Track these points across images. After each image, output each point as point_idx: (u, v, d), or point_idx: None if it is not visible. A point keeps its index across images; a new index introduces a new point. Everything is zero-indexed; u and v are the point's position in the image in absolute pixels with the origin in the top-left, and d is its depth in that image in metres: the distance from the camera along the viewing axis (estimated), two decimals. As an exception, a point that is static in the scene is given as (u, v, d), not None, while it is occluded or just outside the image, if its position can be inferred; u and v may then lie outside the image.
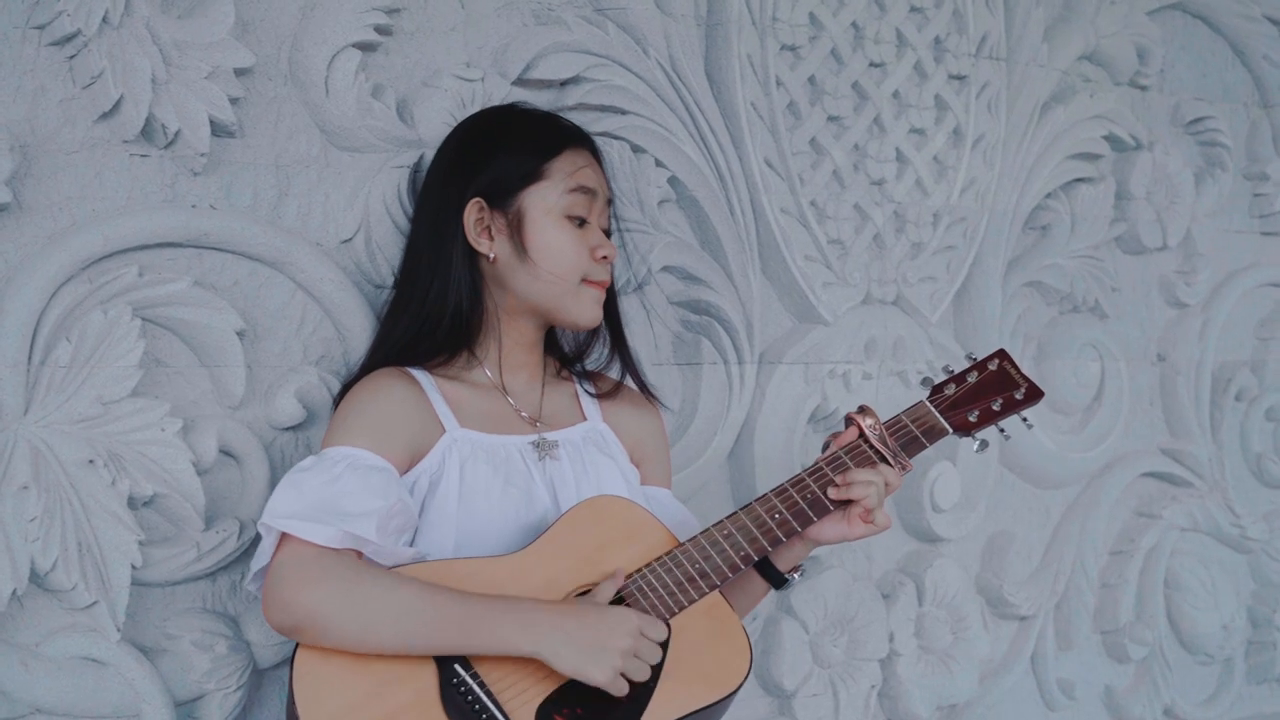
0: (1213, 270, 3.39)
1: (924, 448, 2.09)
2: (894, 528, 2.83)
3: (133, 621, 1.99)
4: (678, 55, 2.49)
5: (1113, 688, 3.24)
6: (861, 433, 2.06)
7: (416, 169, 2.21)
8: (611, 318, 2.15)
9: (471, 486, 1.95)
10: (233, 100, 2.04)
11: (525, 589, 1.86)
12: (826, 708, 2.70)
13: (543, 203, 2.02)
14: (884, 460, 2.04)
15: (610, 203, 2.13)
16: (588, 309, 2.06)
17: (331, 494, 1.80)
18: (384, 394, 1.95)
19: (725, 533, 1.97)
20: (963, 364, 2.17)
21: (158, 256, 2.02)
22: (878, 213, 2.75)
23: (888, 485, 2.03)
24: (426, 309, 2.03)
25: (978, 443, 2.12)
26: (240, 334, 2.06)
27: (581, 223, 2.05)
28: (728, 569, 1.95)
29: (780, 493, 2.01)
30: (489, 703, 1.77)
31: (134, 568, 1.95)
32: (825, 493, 2.01)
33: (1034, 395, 2.13)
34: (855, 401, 2.69)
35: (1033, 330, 3.10)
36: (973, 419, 2.10)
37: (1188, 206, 3.29)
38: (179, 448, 1.99)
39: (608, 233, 2.12)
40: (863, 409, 2.08)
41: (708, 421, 2.56)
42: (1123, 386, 3.22)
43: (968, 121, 2.86)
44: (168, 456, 1.98)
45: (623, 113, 2.42)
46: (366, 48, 2.18)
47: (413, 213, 2.17)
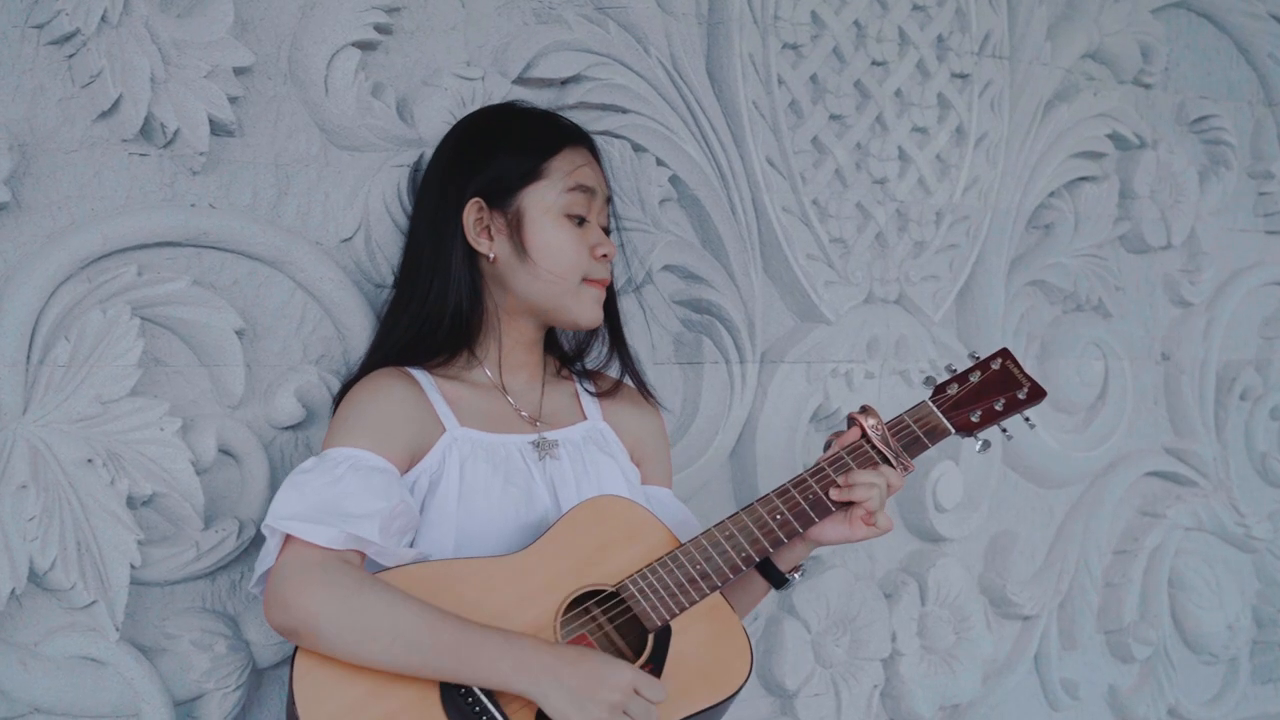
0: (1217, 269, 3.38)
1: (926, 448, 2.08)
2: (897, 527, 2.83)
3: (132, 621, 1.99)
4: (679, 54, 2.49)
5: (1117, 688, 3.24)
6: (864, 433, 2.05)
7: (416, 168, 2.20)
8: (611, 316, 2.15)
9: (471, 486, 1.95)
10: (232, 99, 2.04)
11: (526, 589, 1.86)
12: (828, 708, 2.70)
13: (542, 202, 2.02)
14: (886, 461, 2.03)
15: (609, 201, 2.12)
16: (588, 309, 2.06)
17: (333, 495, 1.80)
18: (384, 394, 1.95)
19: (726, 533, 1.96)
20: (965, 363, 2.16)
21: (157, 256, 2.02)
22: (880, 211, 2.75)
23: (890, 487, 2.03)
24: (427, 309, 2.03)
25: (980, 443, 2.11)
26: (239, 333, 2.06)
27: (581, 221, 2.04)
28: (729, 570, 1.94)
29: (782, 493, 2.01)
30: (489, 704, 1.77)
31: (133, 567, 1.95)
32: (827, 493, 2.01)
33: (1037, 395, 2.12)
34: (857, 401, 2.69)
35: (1036, 329, 3.09)
36: (975, 419, 2.09)
37: (1192, 205, 3.28)
38: (178, 447, 1.99)
39: (607, 230, 2.11)
40: (865, 409, 2.07)
41: (709, 421, 2.56)
42: (1126, 385, 3.21)
43: (970, 120, 2.86)
44: (167, 456, 1.98)
45: (624, 111, 2.42)
46: (366, 46, 2.17)
47: (411, 213, 2.16)
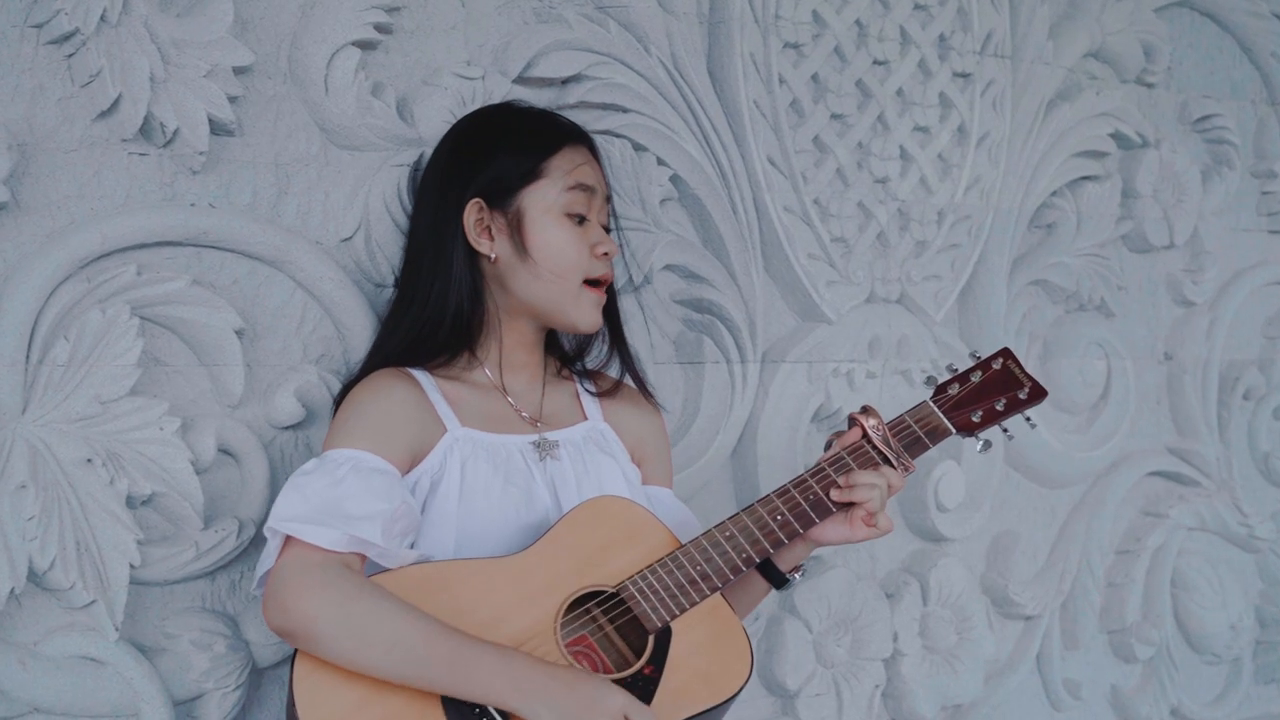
0: (1220, 268, 3.37)
1: (927, 448, 2.07)
2: (898, 527, 2.83)
3: (131, 621, 1.98)
4: (680, 53, 2.48)
5: (1119, 688, 3.23)
6: (865, 433, 2.05)
7: (416, 167, 2.20)
8: (611, 316, 2.14)
9: (472, 486, 1.95)
10: (232, 99, 2.04)
11: (526, 590, 1.86)
12: (830, 708, 2.70)
13: (542, 201, 2.02)
14: (887, 461, 2.03)
15: (609, 199, 2.12)
16: (587, 313, 2.05)
17: (335, 497, 1.79)
18: (385, 395, 1.94)
19: (727, 534, 1.96)
20: (966, 363, 2.15)
21: (156, 255, 2.01)
22: (881, 211, 2.74)
23: (891, 487, 2.02)
24: (428, 310, 2.03)
25: (981, 443, 2.10)
26: (239, 333, 2.06)
27: (581, 220, 2.04)
28: (729, 571, 1.94)
29: (782, 493, 2.00)
30: (490, 707, 1.76)
31: (132, 567, 1.95)
32: (828, 494, 2.00)
33: (1038, 395, 2.11)
34: (859, 401, 2.68)
35: (1038, 329, 3.09)
36: (976, 419, 2.08)
37: (1195, 204, 3.27)
38: (177, 447, 1.98)
39: (607, 229, 2.11)
40: (866, 409, 2.07)
41: (710, 421, 2.55)
42: (1129, 385, 3.20)
43: (972, 119, 2.85)
44: (166, 455, 1.98)
45: (624, 111, 2.42)
46: (366, 46, 2.17)
47: (411, 213, 2.16)
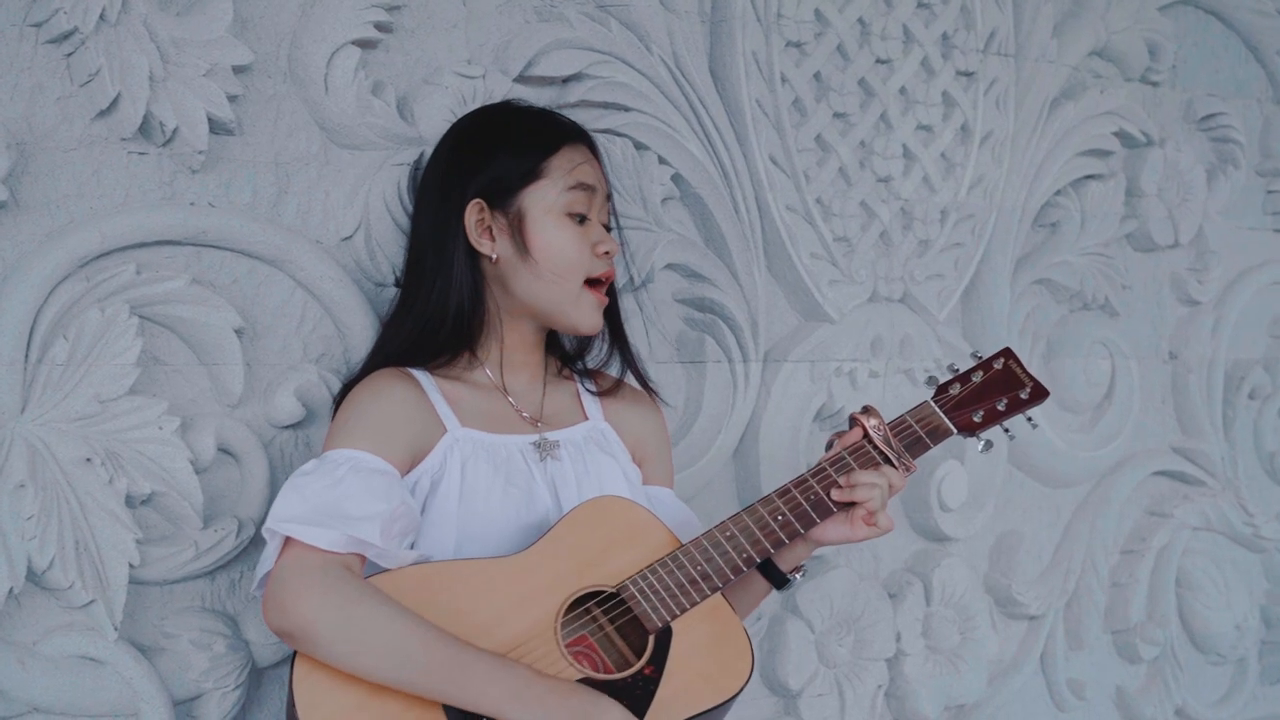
0: (1225, 267, 3.37)
1: (928, 448, 2.07)
2: (901, 527, 2.83)
3: (130, 620, 1.98)
4: (681, 52, 2.48)
5: (1124, 688, 3.23)
6: (865, 433, 2.04)
7: (417, 166, 2.19)
8: (611, 315, 2.14)
9: (472, 486, 1.94)
10: (231, 98, 2.03)
11: (527, 590, 1.85)
12: (832, 708, 2.69)
13: (543, 201, 2.01)
14: (888, 461, 2.03)
15: (609, 198, 2.12)
16: (587, 315, 2.05)
17: (334, 497, 1.79)
18: (385, 395, 1.94)
19: (727, 534, 1.95)
20: (968, 363, 2.15)
21: (156, 254, 2.01)
22: (884, 210, 2.74)
23: (891, 487, 2.02)
24: (429, 310, 2.02)
25: (982, 443, 2.10)
26: (239, 332, 2.05)
27: (582, 219, 2.04)
28: (730, 571, 1.93)
29: (783, 493, 2.00)
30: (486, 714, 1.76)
31: (132, 566, 1.95)
32: (828, 494, 2.00)
33: (1039, 394, 2.11)
34: (861, 400, 2.68)
35: (1042, 328, 3.08)
36: (977, 419, 2.07)
37: (1200, 203, 3.27)
38: (177, 446, 1.98)
39: (608, 228, 2.11)
40: (867, 409, 2.06)
41: (712, 420, 2.55)
42: (1133, 385, 3.20)
43: (976, 118, 2.84)
44: (165, 455, 1.97)
45: (625, 110, 2.41)
46: (366, 45, 2.17)
47: (412, 214, 2.16)
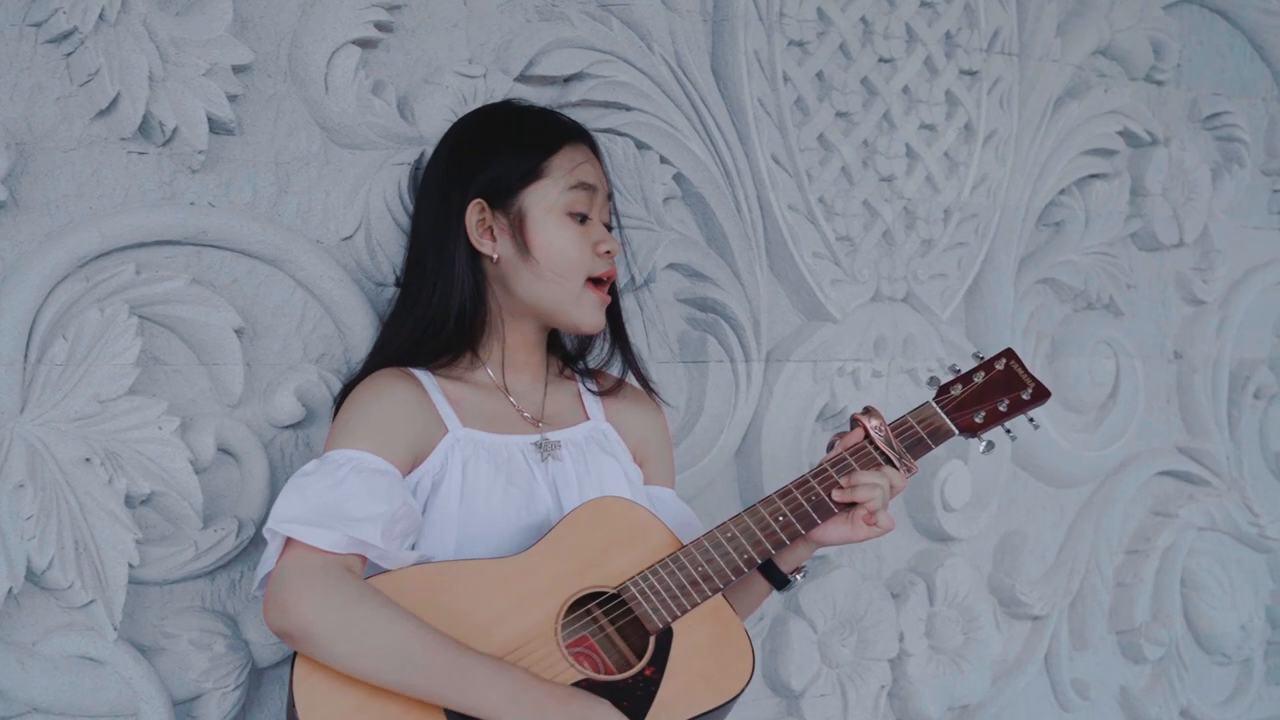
0: (1230, 267, 3.36)
1: (930, 449, 2.06)
2: (904, 527, 2.83)
3: (130, 620, 1.98)
4: (683, 51, 2.47)
5: (1128, 688, 3.22)
6: (867, 434, 2.04)
7: (417, 166, 2.19)
8: (613, 314, 2.14)
9: (473, 486, 1.94)
10: (231, 97, 2.03)
11: (527, 590, 1.85)
12: (835, 708, 2.69)
13: (544, 201, 2.01)
14: (889, 462, 2.02)
15: (610, 196, 2.11)
16: (589, 314, 2.05)
17: (335, 498, 1.79)
18: (386, 395, 1.94)
19: (728, 535, 1.95)
20: (971, 363, 2.14)
21: (155, 254, 2.01)
22: (887, 209, 2.73)
23: (893, 488, 2.02)
24: (430, 311, 2.02)
25: (984, 444, 2.09)
26: (239, 332, 2.05)
27: (583, 219, 2.03)
28: (731, 572, 1.93)
29: (784, 494, 2.00)
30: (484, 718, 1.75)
31: (131, 566, 1.95)
32: (829, 495, 2.00)
33: (1041, 395, 2.10)
34: (864, 400, 2.67)
35: (1046, 328, 3.07)
36: (979, 420, 2.07)
37: (1205, 202, 3.26)
38: (176, 446, 1.98)
39: (609, 227, 2.11)
40: (868, 410, 2.06)
41: (714, 420, 2.54)
42: (1138, 384, 3.19)
43: (979, 117, 2.84)
44: (165, 455, 1.97)
45: (627, 109, 2.41)
46: (367, 44, 2.16)
47: (412, 214, 2.15)
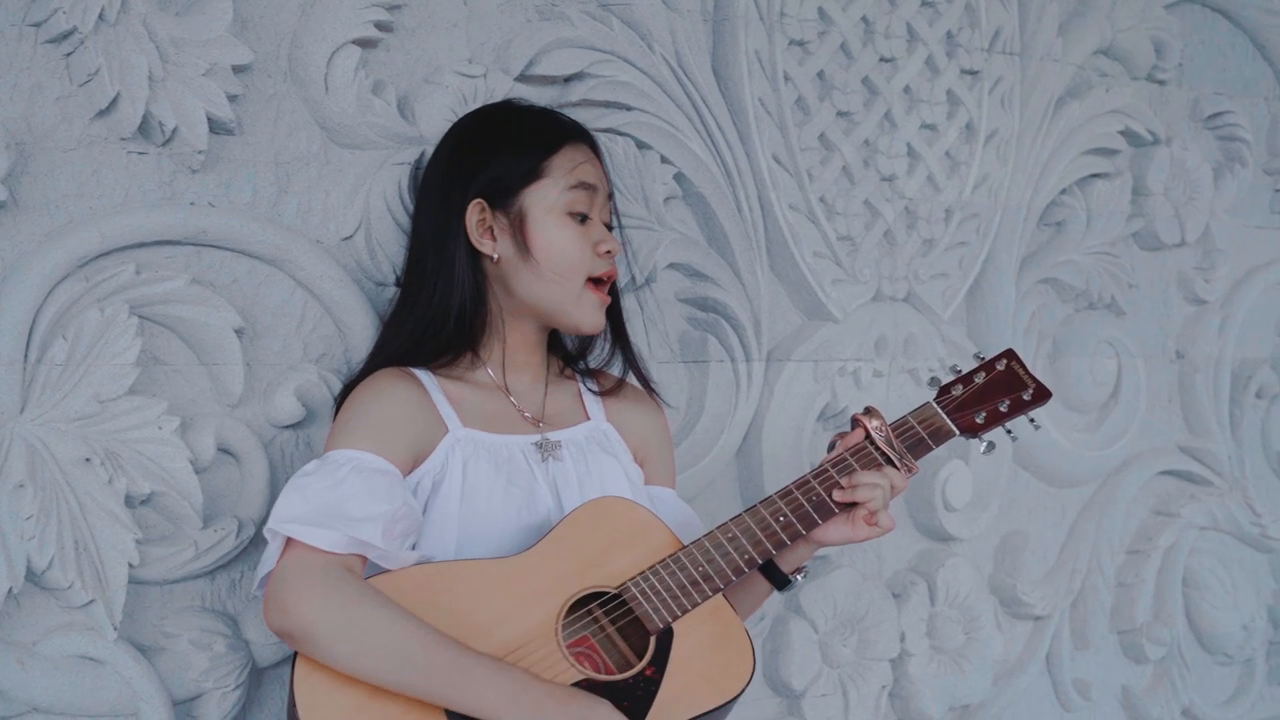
0: (1232, 266, 3.35)
1: (930, 449, 2.06)
2: (905, 526, 2.82)
3: (130, 620, 1.98)
4: (683, 51, 2.47)
5: (1130, 688, 3.22)
6: (867, 434, 2.04)
7: (417, 166, 2.19)
8: (613, 314, 2.14)
9: (474, 486, 1.94)
10: (231, 97, 2.03)
11: (528, 591, 1.85)
12: (836, 708, 2.69)
13: (544, 201, 2.01)
14: (890, 462, 2.02)
15: (611, 196, 2.11)
16: (589, 315, 2.05)
17: (335, 498, 1.79)
18: (387, 395, 1.94)
19: (729, 535, 1.95)
20: (972, 363, 2.14)
21: (155, 254, 2.01)
22: (888, 209, 2.73)
23: (893, 488, 2.01)
24: (431, 311, 2.02)
25: (985, 444, 2.09)
26: (239, 332, 2.05)
27: (583, 219, 2.03)
28: (732, 572, 1.93)
29: (785, 495, 2.00)
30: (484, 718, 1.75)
31: (131, 566, 1.95)
32: (830, 495, 2.00)
33: (1042, 396, 2.10)
34: (865, 400, 2.67)
35: (1047, 327, 3.07)
36: (979, 420, 2.07)
37: (1206, 202, 3.25)
38: (176, 446, 1.98)
39: (610, 226, 2.10)
40: (869, 410, 2.06)
41: (715, 419, 2.54)
42: (1140, 384, 3.19)
43: (980, 117, 2.83)
44: (165, 455, 1.97)
45: (627, 109, 2.40)
46: (367, 44, 2.16)
47: (412, 214, 2.15)
